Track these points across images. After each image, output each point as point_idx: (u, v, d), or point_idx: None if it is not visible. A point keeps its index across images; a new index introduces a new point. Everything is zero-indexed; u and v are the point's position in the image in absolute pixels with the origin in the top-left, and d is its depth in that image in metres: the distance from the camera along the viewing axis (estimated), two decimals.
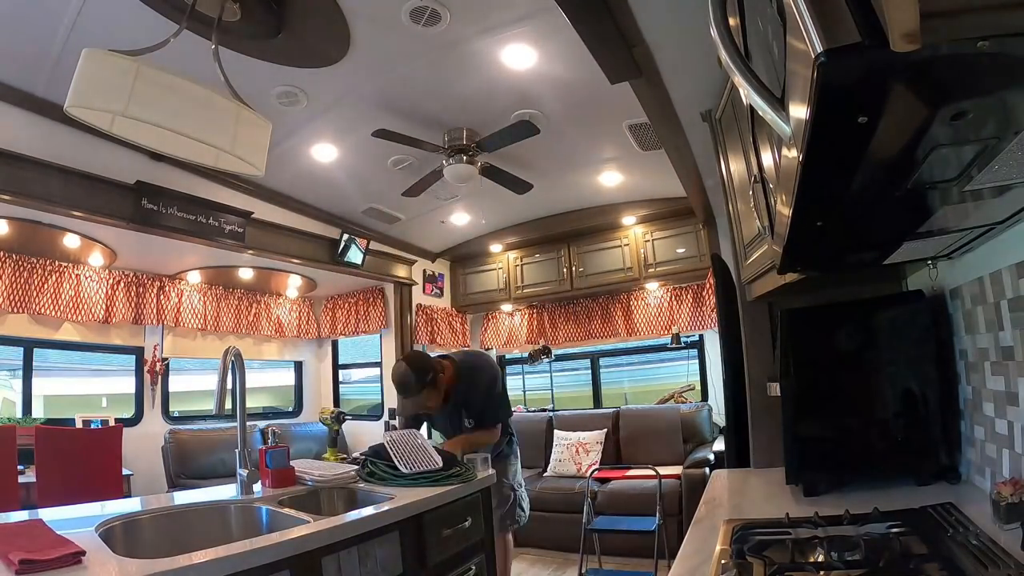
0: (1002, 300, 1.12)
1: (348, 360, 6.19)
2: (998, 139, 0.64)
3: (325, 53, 2.76)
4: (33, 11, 2.39)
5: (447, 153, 3.57)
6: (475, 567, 1.92)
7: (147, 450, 4.25)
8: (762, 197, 1.25)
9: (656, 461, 4.36)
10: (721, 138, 1.94)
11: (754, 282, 1.76)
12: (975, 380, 1.28)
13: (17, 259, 3.82)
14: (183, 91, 1.97)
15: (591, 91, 3.03)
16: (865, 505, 1.14)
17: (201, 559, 1.11)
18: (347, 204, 4.60)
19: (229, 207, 3.89)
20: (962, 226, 1.04)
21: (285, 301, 5.66)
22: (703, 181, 3.20)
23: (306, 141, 3.61)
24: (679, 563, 1.04)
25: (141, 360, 4.67)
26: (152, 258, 4.37)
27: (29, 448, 3.24)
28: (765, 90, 0.64)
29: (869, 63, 0.47)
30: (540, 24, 2.60)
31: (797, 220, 0.85)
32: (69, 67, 1.84)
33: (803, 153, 0.61)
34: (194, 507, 1.68)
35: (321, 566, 1.34)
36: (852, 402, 1.49)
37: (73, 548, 1.08)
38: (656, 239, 4.91)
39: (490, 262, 5.66)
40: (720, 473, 1.93)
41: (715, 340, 4.16)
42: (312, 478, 1.95)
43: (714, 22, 0.66)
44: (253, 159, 2.20)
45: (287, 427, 5.18)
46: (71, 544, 1.11)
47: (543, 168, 4.11)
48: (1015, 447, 1.10)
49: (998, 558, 0.84)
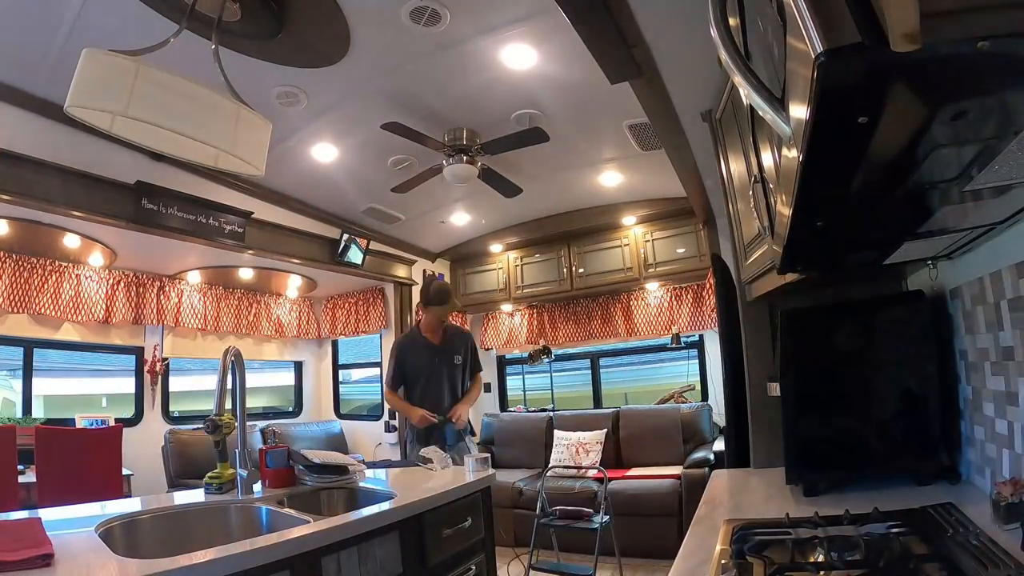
0: (1002, 300, 1.12)
1: (348, 360, 6.19)
2: (998, 139, 0.64)
3: (325, 53, 2.76)
4: (33, 11, 2.39)
5: (448, 153, 3.57)
6: (475, 567, 1.92)
7: (147, 450, 4.25)
8: (762, 197, 1.25)
9: (656, 461, 4.38)
10: (721, 138, 1.94)
11: (754, 282, 1.76)
12: (975, 380, 1.28)
13: (17, 259, 3.82)
14: (183, 91, 1.97)
15: (591, 91, 3.03)
16: (865, 505, 1.14)
17: (201, 559, 1.11)
18: (347, 204, 4.60)
19: (229, 207, 3.89)
20: (962, 226, 1.04)
21: (285, 301, 5.66)
22: (703, 181, 3.20)
23: (306, 141, 3.61)
24: (679, 563, 1.04)
25: (141, 360, 4.67)
26: (152, 258, 4.37)
27: (29, 448, 3.24)
28: (765, 90, 0.64)
29: (869, 63, 0.47)
30: (540, 24, 2.60)
31: (797, 220, 0.85)
32: (69, 67, 1.84)
33: (803, 153, 0.61)
34: (194, 507, 1.68)
35: (321, 566, 1.34)
36: (852, 402, 1.49)
37: (43, 551, 1.07)
38: (656, 239, 4.91)
39: (490, 262, 5.66)
40: (720, 473, 1.93)
41: (715, 340, 4.15)
42: (312, 477, 1.95)
43: (714, 22, 0.66)
44: (253, 159, 2.20)
45: (287, 427, 5.18)
46: (45, 546, 1.10)
47: (543, 168, 4.12)
48: (1015, 447, 1.10)
49: (998, 558, 0.84)
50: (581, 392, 5.77)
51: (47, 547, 1.09)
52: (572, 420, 4.98)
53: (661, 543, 3.56)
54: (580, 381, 5.81)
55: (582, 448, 4.63)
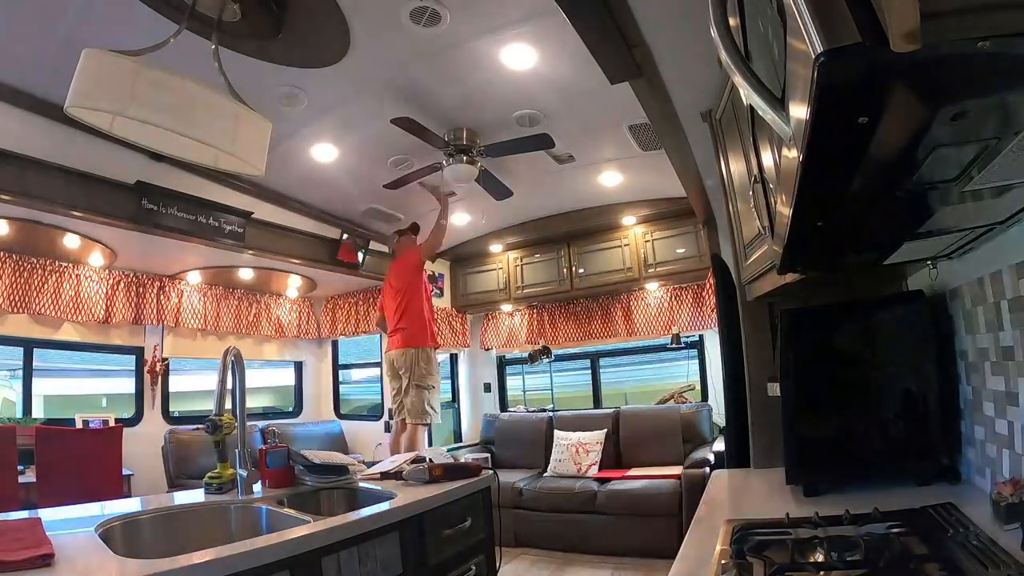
0: (1002, 300, 1.12)
1: (348, 360, 6.19)
2: (998, 139, 0.64)
3: (325, 53, 2.76)
4: (33, 11, 2.39)
5: (449, 153, 3.57)
6: (475, 567, 1.92)
7: (147, 450, 4.25)
8: (762, 197, 1.25)
9: (656, 461, 4.38)
10: (721, 138, 1.94)
11: (754, 282, 1.76)
12: (975, 380, 1.28)
13: (17, 259, 3.82)
14: (183, 91, 1.97)
15: (591, 91, 3.03)
16: (865, 505, 1.14)
17: (201, 559, 1.11)
18: (347, 204, 4.60)
19: (229, 207, 3.89)
20: (962, 226, 1.04)
21: (285, 301, 5.66)
22: (703, 181, 3.20)
23: (306, 141, 3.61)
24: (679, 563, 1.04)
25: (141, 360, 4.67)
26: (152, 258, 4.36)
27: (29, 448, 3.24)
28: (765, 90, 0.64)
29: (869, 63, 0.47)
30: (540, 24, 2.60)
31: (797, 220, 0.85)
32: (69, 67, 1.84)
33: (803, 153, 0.61)
34: (194, 507, 1.68)
35: (321, 566, 1.33)
36: (852, 402, 1.49)
37: (43, 551, 1.07)
38: (656, 239, 4.90)
39: (490, 262, 5.66)
40: (720, 473, 1.93)
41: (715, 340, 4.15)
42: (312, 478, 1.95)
43: (714, 22, 0.66)
44: (253, 159, 2.20)
45: (287, 427, 5.18)
46: (45, 546, 1.10)
47: (543, 168, 4.11)
48: (1015, 447, 1.10)
49: (998, 558, 0.84)
50: (581, 392, 5.77)
51: (47, 547, 1.09)
52: (572, 420, 4.98)
53: (661, 543, 3.56)
54: (580, 381, 5.81)
55: (582, 448, 4.63)
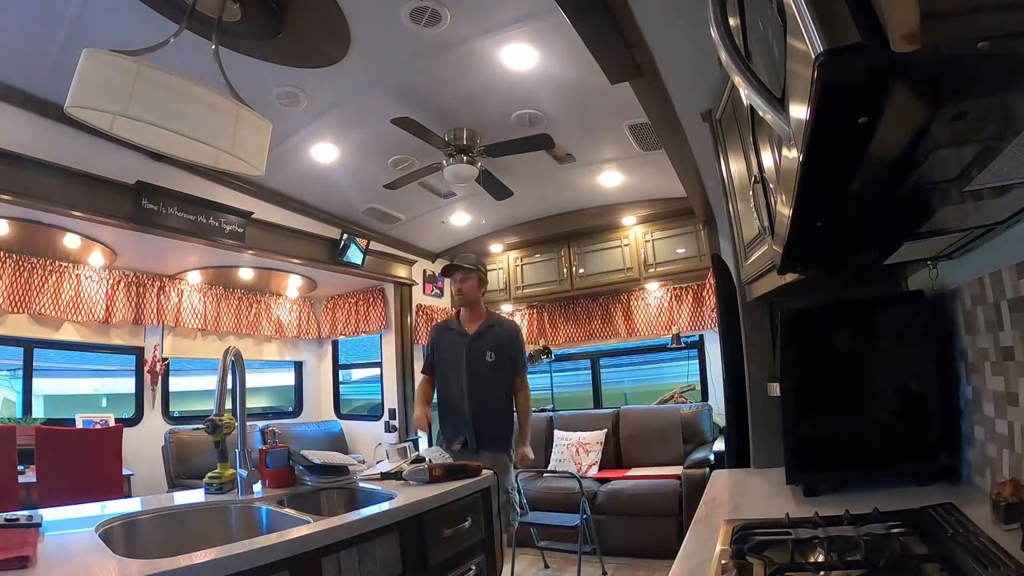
0: (1002, 300, 1.12)
1: (348, 360, 6.19)
2: (998, 139, 0.64)
3: (325, 53, 2.76)
4: (33, 11, 2.39)
5: (449, 153, 3.57)
6: (475, 567, 1.91)
7: (147, 450, 4.25)
8: (762, 197, 1.25)
9: (656, 461, 4.38)
10: (721, 138, 1.94)
11: (754, 282, 1.76)
12: (975, 380, 1.28)
13: (17, 259, 3.82)
14: (183, 91, 1.97)
15: (591, 91, 3.03)
16: (865, 505, 1.14)
17: (201, 559, 1.11)
18: (347, 204, 4.61)
19: (229, 207, 3.89)
20: (962, 226, 1.04)
21: (285, 301, 5.66)
22: (703, 181, 3.20)
23: (306, 141, 3.61)
24: (679, 563, 1.04)
25: (141, 360, 4.67)
26: (152, 258, 4.37)
27: (29, 448, 3.24)
28: (765, 90, 0.64)
29: (869, 63, 0.47)
30: (540, 24, 2.60)
31: (797, 220, 0.85)
32: (69, 67, 1.84)
33: (803, 153, 0.61)
34: (194, 507, 1.68)
35: (321, 566, 1.33)
36: (852, 402, 1.49)
37: (18, 552, 1.07)
38: (656, 239, 4.91)
39: (490, 262, 5.65)
40: (720, 473, 1.93)
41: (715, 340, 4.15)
42: (312, 478, 1.95)
43: (714, 22, 0.66)
44: (253, 159, 2.20)
45: (287, 427, 5.18)
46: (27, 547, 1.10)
47: (543, 168, 4.12)
48: (1015, 447, 1.10)
49: (998, 558, 0.84)
50: (581, 392, 5.77)
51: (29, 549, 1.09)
52: (572, 420, 4.98)
53: (661, 543, 3.56)
54: (580, 381, 5.81)
55: (582, 448, 4.63)
